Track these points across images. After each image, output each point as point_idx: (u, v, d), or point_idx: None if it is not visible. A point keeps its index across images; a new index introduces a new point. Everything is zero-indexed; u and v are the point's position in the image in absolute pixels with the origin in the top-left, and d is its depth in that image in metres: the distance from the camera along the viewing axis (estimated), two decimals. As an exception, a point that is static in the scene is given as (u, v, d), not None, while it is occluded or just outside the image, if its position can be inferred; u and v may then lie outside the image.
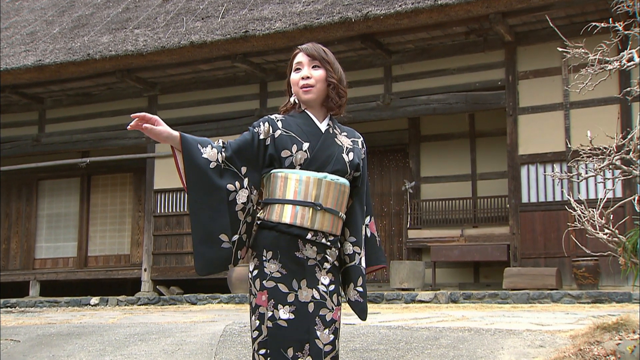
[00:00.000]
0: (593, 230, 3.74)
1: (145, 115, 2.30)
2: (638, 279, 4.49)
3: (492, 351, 4.40)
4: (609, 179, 4.78)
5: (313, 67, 2.43)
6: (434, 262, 9.91)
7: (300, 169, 2.35)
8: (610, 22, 4.02)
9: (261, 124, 2.40)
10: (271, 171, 2.38)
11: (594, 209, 3.78)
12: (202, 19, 10.87)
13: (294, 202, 2.33)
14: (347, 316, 3.26)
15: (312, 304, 2.32)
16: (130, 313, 8.37)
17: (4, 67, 11.23)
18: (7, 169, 12.61)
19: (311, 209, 2.33)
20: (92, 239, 12.99)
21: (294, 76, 2.45)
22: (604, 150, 3.79)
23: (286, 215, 2.33)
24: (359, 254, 2.45)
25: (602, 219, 3.74)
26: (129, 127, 2.33)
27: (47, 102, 12.78)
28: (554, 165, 8.94)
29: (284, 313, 2.29)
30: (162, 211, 11.63)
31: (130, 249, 12.71)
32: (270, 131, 2.38)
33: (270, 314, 2.29)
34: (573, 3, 8.82)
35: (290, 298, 2.31)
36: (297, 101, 2.46)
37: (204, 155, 2.31)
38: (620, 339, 4.08)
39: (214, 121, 11.35)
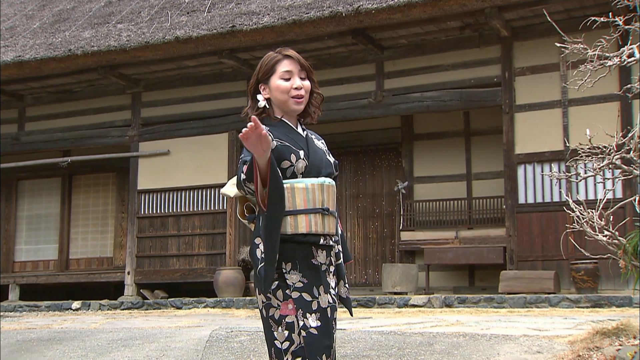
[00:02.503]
0: (592, 232, 3.73)
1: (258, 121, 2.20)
2: (638, 282, 4.50)
3: (487, 357, 4.38)
4: (608, 179, 4.81)
5: (301, 77, 2.47)
6: (427, 265, 9.90)
7: (302, 177, 2.40)
8: (610, 16, 3.96)
9: None
10: None
11: (593, 210, 3.76)
12: (188, 13, 10.82)
13: (305, 211, 2.38)
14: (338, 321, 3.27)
15: (329, 308, 2.41)
16: (113, 318, 8.38)
17: (-18, 63, 11.07)
18: (-14, 168, 12.43)
19: (320, 214, 2.40)
20: (74, 241, 12.88)
21: (284, 84, 2.45)
22: (604, 149, 3.78)
23: (301, 225, 2.37)
24: (341, 251, 2.56)
25: (601, 221, 3.73)
26: (243, 133, 2.15)
27: (27, 99, 12.66)
28: (552, 164, 8.89)
29: (313, 321, 2.35)
30: (146, 212, 11.51)
31: (113, 252, 12.61)
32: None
33: (301, 323, 2.34)
34: (571, -3, 8.72)
35: (314, 305, 2.37)
36: (267, 106, 2.47)
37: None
38: (620, 345, 4.10)
39: (199, 119, 11.31)
